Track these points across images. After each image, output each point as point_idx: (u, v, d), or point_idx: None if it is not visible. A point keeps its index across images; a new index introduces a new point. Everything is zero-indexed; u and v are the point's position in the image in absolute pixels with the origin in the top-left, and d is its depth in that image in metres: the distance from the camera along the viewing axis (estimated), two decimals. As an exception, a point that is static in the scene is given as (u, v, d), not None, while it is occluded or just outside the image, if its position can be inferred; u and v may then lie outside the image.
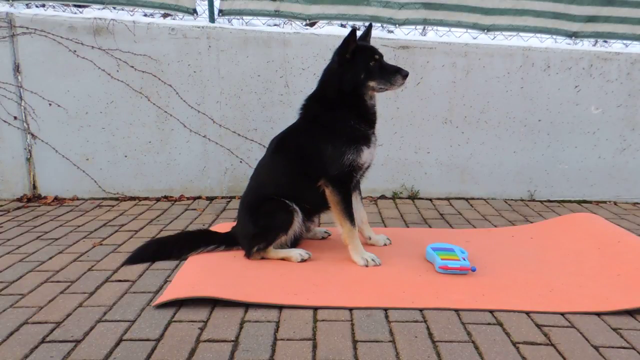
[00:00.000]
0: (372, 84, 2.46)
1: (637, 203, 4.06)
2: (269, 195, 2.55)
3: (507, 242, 2.89)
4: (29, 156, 3.81)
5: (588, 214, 3.27)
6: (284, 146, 2.61)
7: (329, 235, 2.96)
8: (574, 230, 2.94)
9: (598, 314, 2.02)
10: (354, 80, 2.45)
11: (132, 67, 3.72)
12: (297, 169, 2.54)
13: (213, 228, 3.00)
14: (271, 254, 2.56)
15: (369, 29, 2.65)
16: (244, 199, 2.69)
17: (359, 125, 2.51)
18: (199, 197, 3.94)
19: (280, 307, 2.05)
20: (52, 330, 1.87)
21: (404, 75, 2.45)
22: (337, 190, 2.49)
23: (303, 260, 2.52)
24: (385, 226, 3.27)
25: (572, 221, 3.09)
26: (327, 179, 2.49)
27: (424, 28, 4.26)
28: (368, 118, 2.55)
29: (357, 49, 2.45)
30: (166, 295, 2.10)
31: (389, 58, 3.82)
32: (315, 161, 2.50)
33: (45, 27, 3.62)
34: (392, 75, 2.46)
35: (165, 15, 4.19)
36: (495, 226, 3.29)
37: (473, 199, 4.04)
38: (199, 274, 2.32)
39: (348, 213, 2.51)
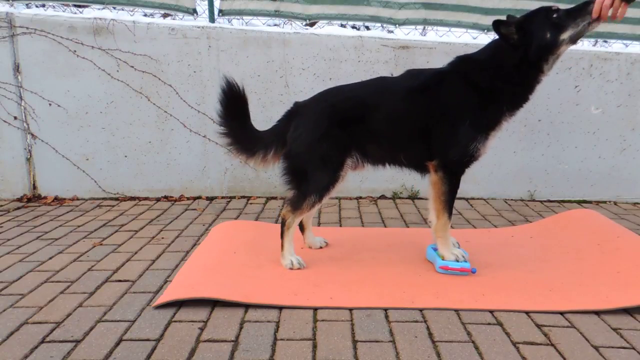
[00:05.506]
0: (565, 35, 2.05)
1: (637, 203, 4.05)
2: None
3: (507, 242, 2.89)
4: (29, 156, 3.81)
5: (586, 210, 3.28)
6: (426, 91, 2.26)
7: (327, 244, 2.78)
8: (573, 227, 2.94)
9: (598, 313, 2.02)
10: (541, 44, 2.05)
11: (132, 67, 3.72)
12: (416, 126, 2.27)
13: (213, 230, 3.00)
14: (292, 229, 2.44)
15: None
16: None
17: (511, 105, 2.20)
18: (199, 197, 3.94)
19: (280, 307, 2.05)
20: (52, 330, 1.87)
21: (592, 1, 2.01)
22: (449, 179, 2.30)
23: (291, 269, 2.41)
24: (385, 226, 3.27)
25: (571, 217, 3.10)
26: (442, 163, 2.27)
27: (424, 28, 4.25)
28: (525, 98, 2.21)
29: (529, 16, 2.12)
30: (166, 295, 2.10)
31: (389, 58, 3.84)
32: (445, 133, 2.22)
33: (45, 27, 3.62)
34: (582, 9, 2.02)
35: (165, 15, 4.19)
36: (495, 226, 3.28)
37: (473, 199, 4.04)
38: (199, 273, 2.32)
39: (450, 206, 2.34)
